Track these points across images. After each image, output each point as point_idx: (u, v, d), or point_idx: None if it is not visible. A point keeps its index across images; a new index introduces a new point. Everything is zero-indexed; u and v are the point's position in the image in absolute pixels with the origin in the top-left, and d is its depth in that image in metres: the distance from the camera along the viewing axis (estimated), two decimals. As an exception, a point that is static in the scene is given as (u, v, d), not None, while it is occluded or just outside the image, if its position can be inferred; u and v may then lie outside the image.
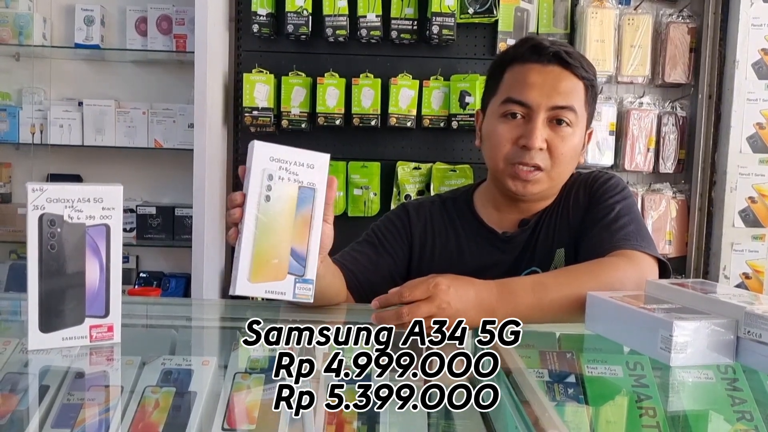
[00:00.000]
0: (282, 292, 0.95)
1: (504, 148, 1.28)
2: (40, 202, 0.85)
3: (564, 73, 1.26)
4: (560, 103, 1.25)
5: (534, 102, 1.25)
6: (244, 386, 0.87)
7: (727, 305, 0.80)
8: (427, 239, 1.41)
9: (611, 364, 0.92)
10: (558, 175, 1.30)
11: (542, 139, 1.24)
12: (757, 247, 2.70)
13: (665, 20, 2.79)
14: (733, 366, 0.84)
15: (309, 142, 2.85)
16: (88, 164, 2.99)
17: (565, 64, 1.26)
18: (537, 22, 2.80)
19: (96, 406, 0.83)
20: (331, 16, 2.71)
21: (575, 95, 1.27)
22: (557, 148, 1.26)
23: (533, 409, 0.62)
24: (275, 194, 0.92)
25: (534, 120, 1.25)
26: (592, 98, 1.31)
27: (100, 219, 0.89)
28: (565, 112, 1.25)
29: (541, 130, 1.24)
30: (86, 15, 2.84)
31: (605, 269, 1.13)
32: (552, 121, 1.26)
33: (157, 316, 1.26)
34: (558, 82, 1.26)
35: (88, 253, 0.89)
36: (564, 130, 1.26)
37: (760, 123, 2.68)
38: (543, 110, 1.25)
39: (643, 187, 2.83)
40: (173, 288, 2.92)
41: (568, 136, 1.27)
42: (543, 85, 1.25)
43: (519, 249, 1.35)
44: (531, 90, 1.25)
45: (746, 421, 0.85)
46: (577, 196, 1.36)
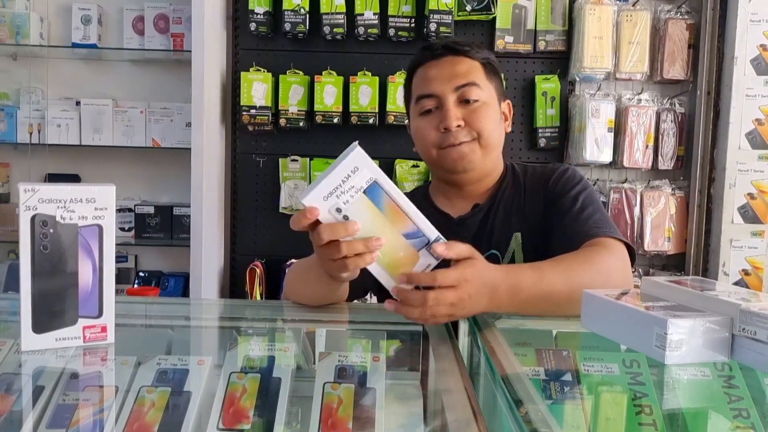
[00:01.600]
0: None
1: (430, 136, 1.38)
2: (33, 202, 0.85)
3: (457, 58, 1.39)
4: (461, 82, 1.36)
5: (438, 90, 1.37)
6: (239, 386, 0.87)
7: (722, 303, 0.79)
8: None
9: (607, 362, 0.91)
10: (486, 142, 1.37)
11: (457, 117, 1.35)
12: (757, 243, 2.70)
13: (663, 16, 2.78)
14: (729, 363, 0.84)
15: (307, 141, 2.85)
16: (86, 164, 2.99)
17: (455, 52, 1.39)
18: (535, 18, 2.80)
19: (91, 406, 0.83)
20: (328, 14, 2.71)
21: (473, 73, 1.38)
22: (474, 120, 1.36)
23: (527, 408, 0.62)
24: (353, 209, 0.96)
25: (445, 104, 1.36)
26: (491, 73, 1.42)
27: (93, 219, 0.89)
28: (469, 87, 1.36)
29: (454, 110, 1.35)
30: (83, 14, 2.84)
31: (596, 258, 1.16)
32: (461, 102, 1.36)
33: (153, 315, 1.25)
34: (453, 66, 1.38)
35: (80, 254, 0.89)
36: (474, 105, 1.36)
37: (758, 119, 2.67)
38: (449, 93, 1.36)
39: (642, 184, 2.82)
40: (172, 287, 2.92)
41: (481, 108, 1.36)
42: (441, 74, 1.37)
43: (473, 232, 1.41)
44: (433, 81, 1.38)
45: (743, 418, 0.84)
46: (533, 184, 1.44)
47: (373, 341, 1.06)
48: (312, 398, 0.84)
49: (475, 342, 0.93)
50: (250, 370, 0.90)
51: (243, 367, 0.90)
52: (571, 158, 2.79)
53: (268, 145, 2.87)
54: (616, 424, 0.89)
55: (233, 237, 2.92)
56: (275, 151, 2.86)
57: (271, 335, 1.13)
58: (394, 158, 2.81)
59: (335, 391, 0.85)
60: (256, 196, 2.89)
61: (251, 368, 0.91)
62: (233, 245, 2.92)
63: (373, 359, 0.93)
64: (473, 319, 1.00)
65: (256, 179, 2.89)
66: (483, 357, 0.85)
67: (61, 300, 0.88)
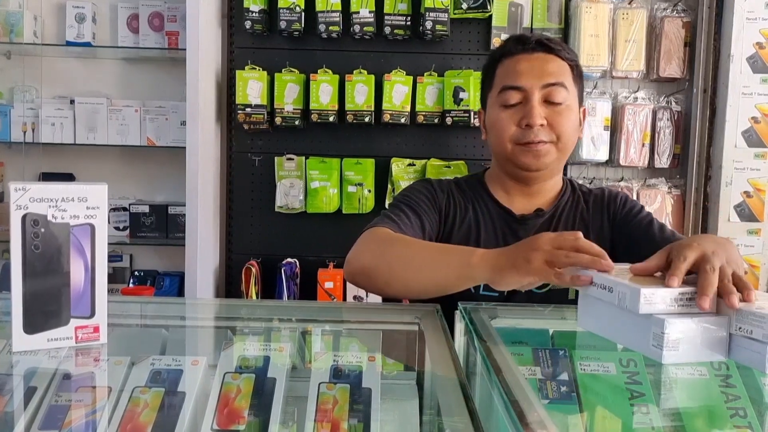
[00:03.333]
0: None
1: (509, 130, 1.39)
2: (23, 201, 0.84)
3: (549, 57, 1.39)
4: (551, 81, 1.37)
5: (527, 84, 1.37)
6: (234, 386, 0.86)
7: (719, 302, 0.79)
8: (450, 210, 1.46)
9: (604, 361, 0.91)
10: (564, 146, 1.39)
11: (541, 116, 1.35)
12: (753, 241, 2.70)
13: (660, 14, 2.78)
14: (727, 362, 0.83)
15: (303, 139, 2.84)
16: (81, 163, 2.98)
17: (548, 49, 1.40)
18: (531, 16, 2.79)
19: (84, 407, 0.83)
20: (324, 12, 2.70)
21: (563, 73, 1.39)
22: (557, 122, 1.37)
23: (522, 407, 0.61)
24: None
25: (530, 101, 1.36)
26: (578, 76, 1.44)
27: (85, 218, 0.88)
28: (557, 88, 1.37)
29: (539, 108, 1.36)
30: (77, 12, 2.82)
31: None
32: (547, 100, 1.37)
33: (147, 315, 1.25)
34: (545, 64, 1.38)
35: (72, 253, 0.88)
36: (558, 107, 1.37)
37: (755, 117, 2.67)
38: (537, 90, 1.36)
39: (639, 182, 2.82)
40: (167, 286, 2.91)
41: (564, 110, 1.38)
42: (532, 69, 1.38)
43: (533, 234, 1.35)
44: (522, 75, 1.38)
45: (740, 417, 0.84)
46: (595, 207, 1.47)
47: (368, 341, 1.05)
48: (307, 398, 0.83)
49: (471, 341, 0.92)
50: (244, 370, 0.90)
51: (238, 368, 0.90)
52: (568, 157, 2.78)
53: (264, 144, 2.86)
54: (613, 423, 0.89)
55: (229, 236, 2.91)
56: (271, 149, 2.85)
57: (266, 335, 1.12)
58: (390, 157, 2.80)
59: (330, 391, 0.85)
60: (251, 195, 2.88)
61: (246, 368, 0.90)
62: (229, 244, 2.91)
63: (368, 359, 0.92)
64: (469, 318, 0.99)
65: (252, 178, 2.88)
66: (479, 356, 0.84)
67: (53, 300, 0.88)
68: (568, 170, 2.83)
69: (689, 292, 0.77)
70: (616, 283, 0.80)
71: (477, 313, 1.02)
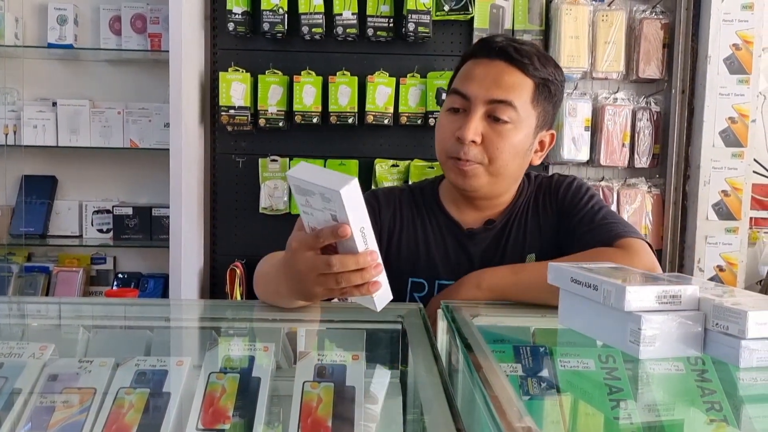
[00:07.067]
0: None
1: (445, 142, 1.28)
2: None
3: (509, 68, 1.25)
4: (498, 97, 1.23)
5: (472, 94, 1.24)
6: (218, 385, 0.87)
7: (699, 298, 0.81)
8: (395, 227, 1.39)
9: (584, 358, 0.93)
10: (497, 170, 1.27)
11: (476, 132, 1.23)
12: (731, 239, 2.74)
13: (639, 16, 2.81)
14: (703, 357, 0.85)
15: (287, 141, 2.85)
16: (64, 165, 2.97)
17: (510, 60, 1.24)
18: (512, 18, 2.81)
19: (69, 408, 0.83)
20: (306, 14, 2.71)
21: (518, 91, 1.24)
22: (492, 143, 1.24)
23: (502, 404, 0.63)
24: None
25: (470, 112, 1.24)
26: (545, 97, 1.28)
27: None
28: (503, 107, 1.23)
29: (477, 123, 1.23)
30: (59, 14, 2.81)
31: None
32: (490, 116, 1.24)
33: (131, 317, 1.25)
34: (500, 76, 1.24)
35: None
36: (502, 126, 1.24)
37: (732, 117, 2.71)
38: (480, 103, 1.24)
39: (619, 182, 2.85)
40: (152, 288, 2.90)
41: (506, 133, 1.24)
42: (484, 78, 1.24)
43: (483, 247, 1.35)
44: (472, 82, 1.25)
45: (715, 411, 0.86)
46: (544, 202, 1.37)
47: (352, 340, 1.06)
48: (291, 397, 0.84)
49: (453, 340, 0.94)
50: (229, 370, 0.90)
51: (222, 368, 0.90)
52: (549, 157, 2.81)
53: (248, 145, 2.87)
54: (592, 419, 0.91)
55: (213, 237, 2.91)
56: (255, 151, 2.86)
57: (250, 335, 1.12)
58: (373, 158, 2.81)
59: (314, 390, 0.85)
60: (235, 197, 2.88)
61: (230, 368, 0.90)
62: (213, 246, 2.91)
63: (352, 358, 0.93)
64: (451, 316, 1.01)
65: (236, 179, 2.88)
66: (461, 354, 0.86)
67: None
68: (550, 170, 2.85)
69: (672, 290, 0.79)
70: (601, 281, 0.81)
71: (459, 311, 1.03)
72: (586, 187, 1.37)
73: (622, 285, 0.76)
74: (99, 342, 0.96)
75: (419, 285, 1.36)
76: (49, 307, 1.32)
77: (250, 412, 0.83)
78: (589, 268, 0.88)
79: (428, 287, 1.35)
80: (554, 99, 1.30)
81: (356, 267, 0.87)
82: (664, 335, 0.76)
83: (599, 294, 0.80)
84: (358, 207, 0.84)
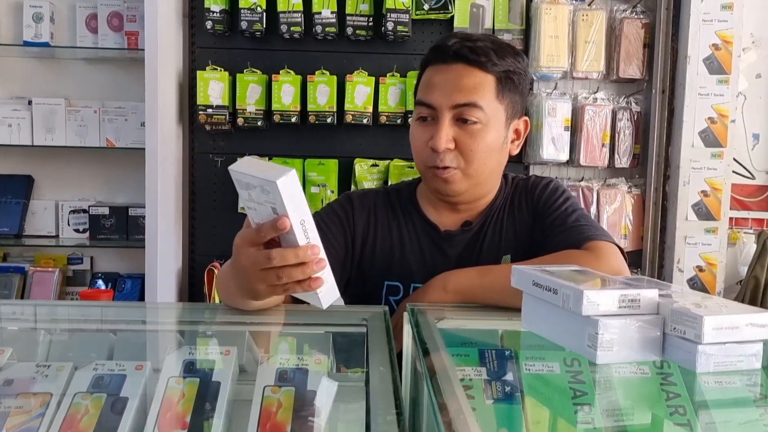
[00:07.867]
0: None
1: (421, 152, 1.29)
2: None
3: (467, 70, 1.25)
4: (462, 101, 1.23)
5: (436, 103, 1.25)
6: (177, 390, 0.85)
7: (658, 302, 0.80)
8: (369, 231, 1.38)
9: (549, 361, 0.92)
10: (476, 171, 1.28)
11: (448, 139, 1.24)
12: (710, 240, 2.74)
13: (619, 16, 2.81)
14: (667, 361, 0.84)
15: (265, 140, 2.82)
16: (39, 164, 2.93)
17: (467, 60, 1.25)
18: (493, 17, 2.81)
19: (24, 413, 0.82)
20: (285, 12, 2.69)
21: (480, 90, 1.24)
22: (466, 146, 1.25)
23: (449, 411, 0.61)
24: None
25: (439, 121, 1.25)
26: (509, 89, 1.28)
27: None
28: (469, 109, 1.24)
29: (447, 130, 1.24)
30: (35, 12, 2.77)
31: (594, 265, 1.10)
32: (459, 119, 1.25)
33: (97, 320, 1.23)
34: (459, 80, 1.24)
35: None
36: (471, 127, 1.25)
37: (711, 117, 2.72)
38: (446, 110, 1.24)
39: (599, 182, 2.85)
40: (129, 289, 2.88)
41: (477, 133, 1.25)
42: (445, 84, 1.25)
43: (460, 249, 1.35)
44: (434, 91, 1.26)
45: (679, 415, 0.85)
46: (520, 203, 1.38)
47: (316, 343, 1.05)
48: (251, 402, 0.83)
49: (414, 343, 0.92)
50: (189, 374, 0.89)
51: (182, 372, 0.89)
52: (529, 157, 2.81)
53: (226, 145, 2.84)
54: (556, 423, 0.90)
55: (192, 237, 2.88)
56: (233, 150, 2.83)
57: (213, 339, 1.11)
58: (353, 157, 2.80)
59: (275, 394, 0.84)
60: (214, 196, 2.86)
61: (191, 372, 0.89)
62: (192, 246, 2.89)
63: (315, 361, 0.92)
64: (415, 320, 1.00)
65: (215, 179, 2.85)
66: (419, 359, 0.85)
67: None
68: (531, 170, 2.85)
69: (631, 294, 0.78)
70: (560, 285, 0.81)
71: (424, 314, 1.02)
72: (562, 189, 1.38)
73: (580, 289, 0.75)
74: (60, 346, 0.94)
75: (394, 288, 1.35)
76: (14, 309, 1.31)
77: (209, 417, 0.82)
78: (551, 272, 0.87)
79: (403, 290, 1.35)
80: (519, 88, 1.30)
81: (297, 261, 0.87)
82: (622, 339, 0.75)
83: (558, 298, 0.79)
84: (298, 199, 0.84)
